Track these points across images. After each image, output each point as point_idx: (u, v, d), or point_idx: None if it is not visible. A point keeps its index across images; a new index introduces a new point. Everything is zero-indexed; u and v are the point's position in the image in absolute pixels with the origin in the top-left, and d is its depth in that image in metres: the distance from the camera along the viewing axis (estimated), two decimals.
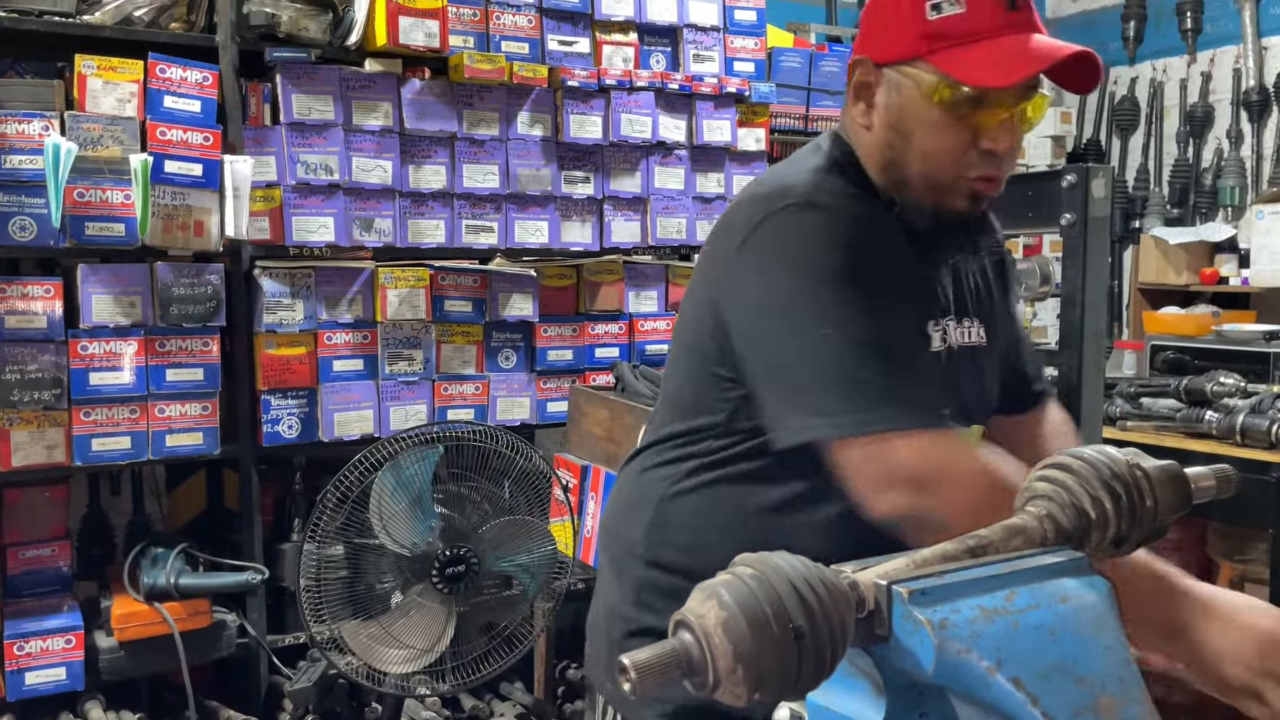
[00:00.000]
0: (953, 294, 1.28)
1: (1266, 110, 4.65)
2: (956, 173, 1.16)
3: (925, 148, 1.16)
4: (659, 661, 0.68)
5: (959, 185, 1.17)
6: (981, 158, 1.15)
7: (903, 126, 1.17)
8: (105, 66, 2.34)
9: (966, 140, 1.14)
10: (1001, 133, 1.14)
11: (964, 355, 1.27)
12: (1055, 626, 0.72)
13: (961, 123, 1.13)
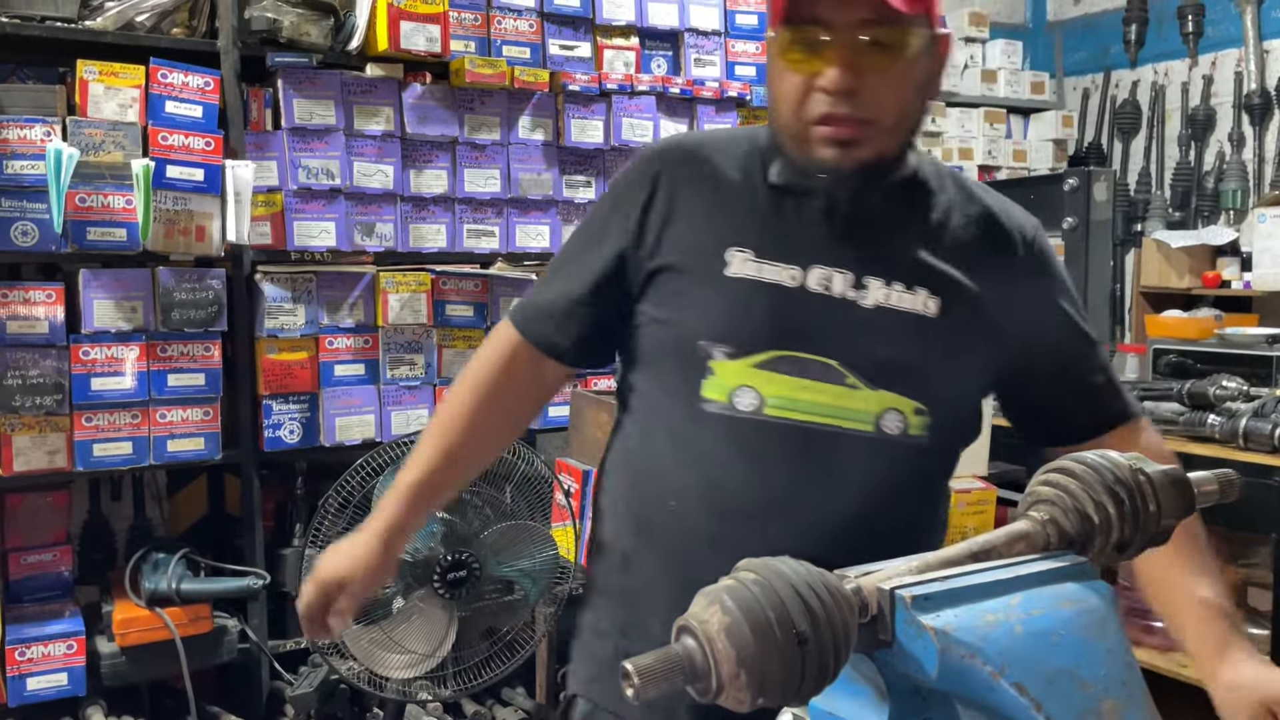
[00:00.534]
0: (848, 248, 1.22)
1: (1268, 113, 4.64)
2: (803, 116, 1.17)
3: (776, 94, 1.20)
4: (662, 666, 0.68)
5: (809, 132, 1.17)
6: (820, 97, 1.15)
7: (768, 82, 1.23)
8: (107, 72, 2.35)
9: (806, 82, 1.16)
10: (830, 68, 1.13)
11: (853, 308, 1.21)
12: (1058, 631, 0.72)
13: (800, 67, 1.15)
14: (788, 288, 1.21)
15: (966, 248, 1.26)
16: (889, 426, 1.21)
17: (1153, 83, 5.17)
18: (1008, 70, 5.05)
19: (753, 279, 1.21)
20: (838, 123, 1.15)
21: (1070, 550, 0.81)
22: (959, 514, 2.28)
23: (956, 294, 1.24)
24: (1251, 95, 4.66)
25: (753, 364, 1.20)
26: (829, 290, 1.21)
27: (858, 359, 1.20)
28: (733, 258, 1.22)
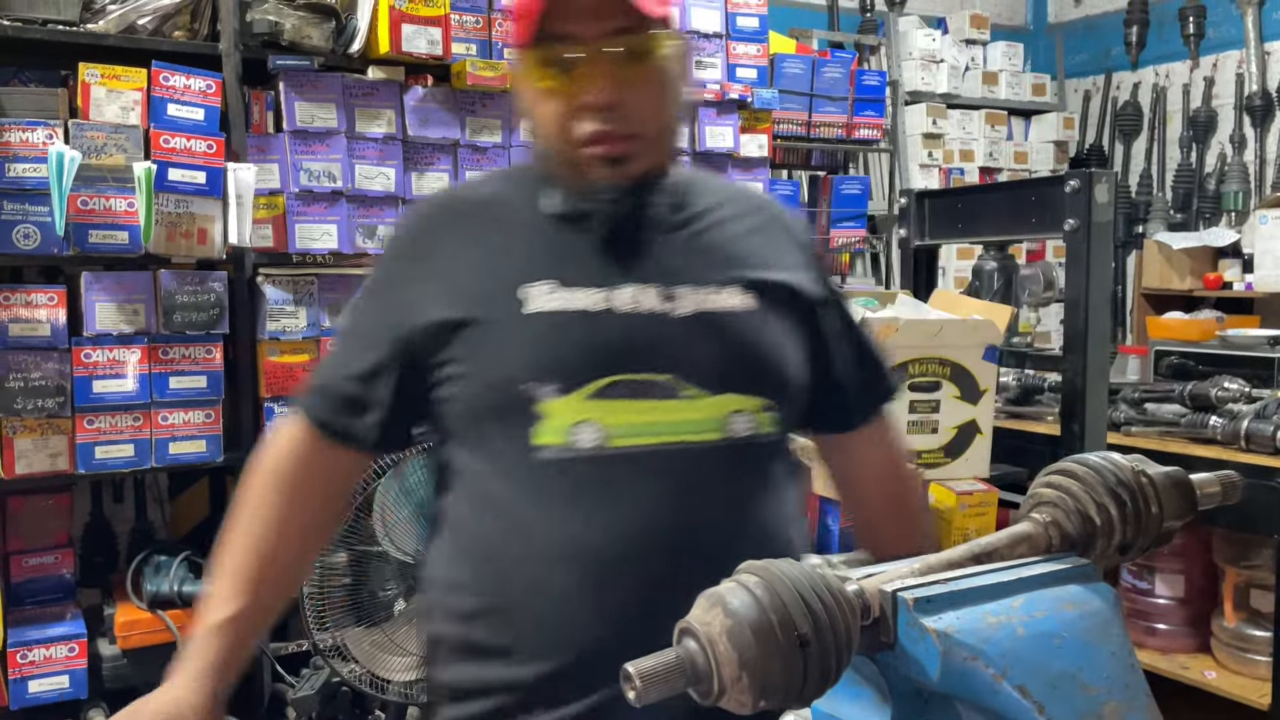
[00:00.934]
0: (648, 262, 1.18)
1: (1270, 115, 4.65)
2: (573, 143, 1.13)
3: (540, 124, 1.16)
4: (664, 669, 0.68)
5: (581, 155, 1.14)
6: (583, 117, 1.12)
7: (528, 111, 1.17)
8: (109, 75, 2.35)
9: (563, 105, 1.12)
10: (586, 83, 1.10)
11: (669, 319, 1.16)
12: (1061, 633, 0.72)
13: (558, 89, 1.11)
14: (595, 312, 1.14)
15: (750, 239, 1.26)
16: (738, 429, 1.16)
17: (1154, 84, 5.17)
18: (1009, 72, 5.06)
19: (558, 310, 1.14)
20: (607, 140, 1.13)
21: (1072, 552, 0.81)
22: (960, 516, 2.27)
23: (763, 284, 1.23)
24: (1253, 97, 4.66)
25: (587, 395, 1.12)
26: (639, 308, 1.16)
27: (690, 369, 1.15)
28: (528, 294, 1.15)
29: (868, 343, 1.36)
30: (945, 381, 2.31)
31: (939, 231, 2.80)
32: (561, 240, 1.19)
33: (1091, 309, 2.41)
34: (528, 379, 1.12)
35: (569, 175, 1.17)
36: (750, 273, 1.22)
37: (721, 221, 1.25)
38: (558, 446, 1.11)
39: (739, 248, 1.24)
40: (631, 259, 1.18)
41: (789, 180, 3.54)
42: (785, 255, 1.28)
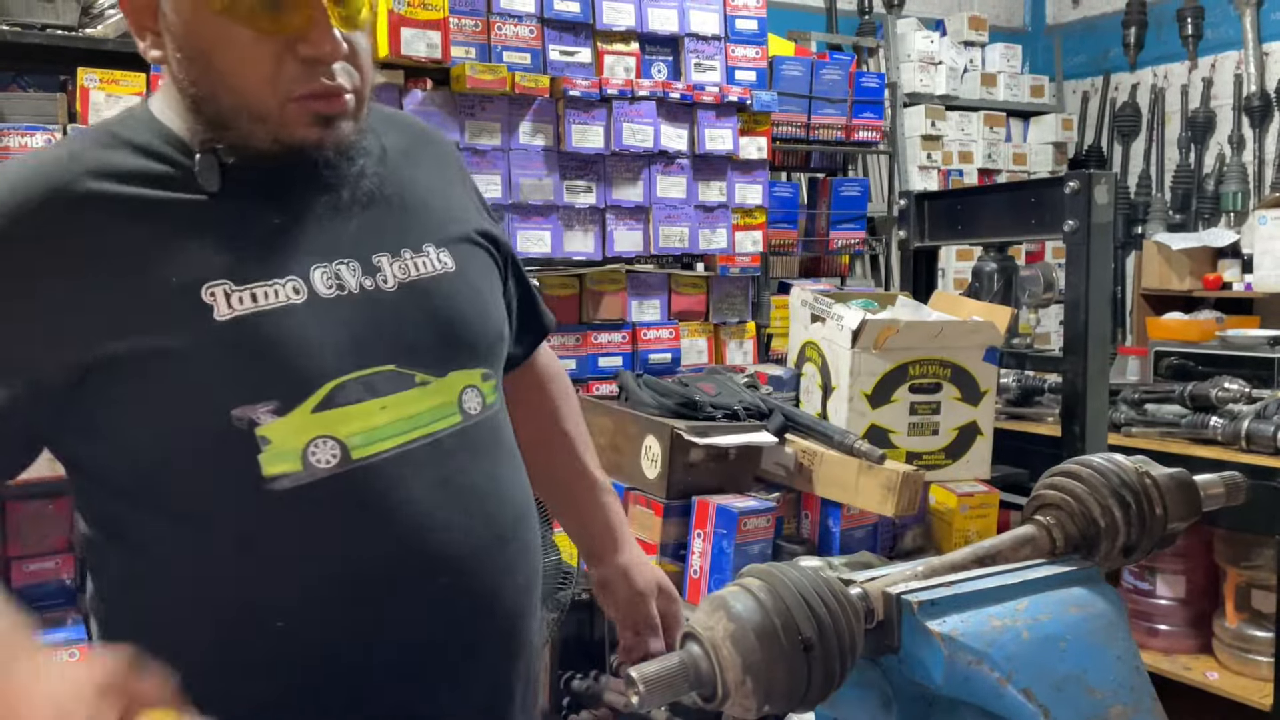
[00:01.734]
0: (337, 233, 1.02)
1: (1268, 115, 4.65)
2: (279, 93, 0.94)
3: (228, 69, 0.93)
4: (667, 674, 0.67)
5: (291, 111, 0.94)
6: (304, 70, 0.94)
7: (194, 51, 0.93)
8: (108, 79, 2.35)
9: (276, 49, 0.93)
10: (318, 34, 0.93)
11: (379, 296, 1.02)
12: (1066, 637, 0.72)
13: (261, 30, 0.92)
14: (298, 304, 0.97)
15: (430, 184, 1.14)
16: (471, 406, 1.06)
17: (1152, 85, 5.18)
18: (1007, 74, 5.06)
19: (254, 312, 0.94)
20: (329, 95, 0.96)
21: (1076, 554, 0.81)
22: (961, 517, 2.27)
23: (457, 234, 1.12)
24: (1251, 98, 4.67)
25: (312, 409, 0.95)
26: (344, 289, 1.00)
27: (412, 353, 1.02)
28: (214, 296, 0.93)
29: (523, 274, 1.30)
30: (946, 383, 2.31)
31: (938, 233, 2.80)
32: (229, 221, 0.97)
33: (1091, 310, 2.41)
34: (240, 402, 0.93)
35: (261, 132, 0.95)
36: (443, 226, 1.11)
37: (398, 169, 1.11)
38: (294, 474, 0.94)
39: (423, 197, 1.11)
40: (322, 233, 1.01)
41: (789, 182, 3.54)
42: (462, 194, 1.19)
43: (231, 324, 0.93)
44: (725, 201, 3.00)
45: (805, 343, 2.44)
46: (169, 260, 0.94)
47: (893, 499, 2.04)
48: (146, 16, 0.96)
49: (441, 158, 1.19)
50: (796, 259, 3.45)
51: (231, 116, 0.95)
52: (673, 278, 3.03)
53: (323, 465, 0.95)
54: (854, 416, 2.24)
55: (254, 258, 0.97)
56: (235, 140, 0.96)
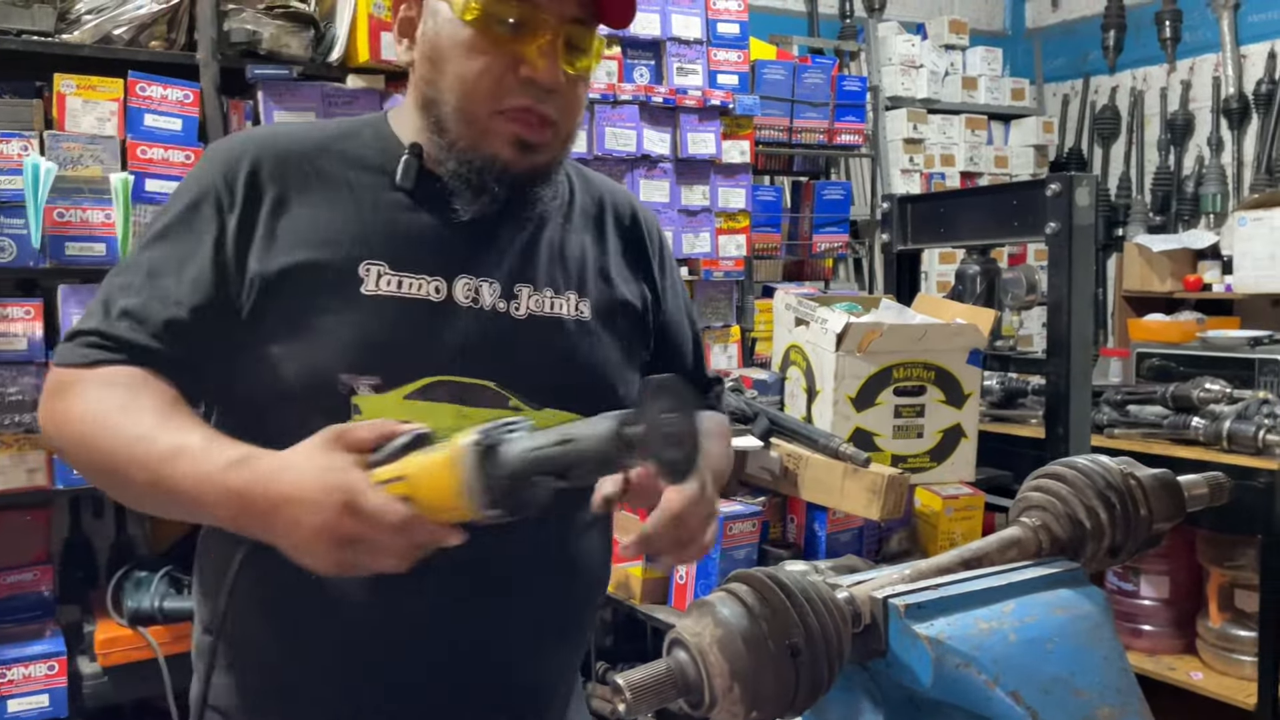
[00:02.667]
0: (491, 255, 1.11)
1: (1246, 117, 4.69)
2: (493, 103, 1.04)
3: (459, 72, 1.04)
4: (654, 681, 0.67)
5: (497, 124, 1.05)
6: (521, 87, 1.04)
7: (437, 54, 1.06)
8: (85, 85, 2.33)
9: (504, 65, 1.03)
10: (542, 59, 1.03)
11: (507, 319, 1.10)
12: (1053, 638, 0.72)
13: (498, 47, 1.03)
14: (434, 302, 1.07)
15: (602, 238, 1.21)
16: None
17: (1132, 88, 5.21)
18: (988, 77, 5.09)
19: (393, 295, 1.06)
20: (535, 120, 1.05)
21: (1062, 556, 0.81)
22: (947, 520, 2.27)
23: (605, 291, 1.18)
24: (1229, 100, 4.70)
25: (404, 395, 1.04)
26: (478, 302, 1.09)
27: (517, 377, 1.08)
28: (369, 272, 1.06)
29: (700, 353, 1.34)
30: (930, 386, 2.31)
31: (921, 236, 2.81)
32: (410, 215, 1.10)
33: (1074, 312, 2.42)
34: (349, 369, 1.03)
35: (467, 140, 1.06)
36: (593, 281, 1.17)
37: (575, 226, 1.19)
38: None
39: (587, 253, 1.18)
40: (478, 249, 1.11)
41: (772, 186, 3.54)
42: (636, 265, 1.24)
43: (370, 298, 1.05)
44: (708, 205, 3.00)
45: (790, 346, 2.44)
46: (353, 231, 1.07)
47: (878, 502, 2.04)
48: (410, 26, 1.11)
49: (625, 225, 1.24)
50: (780, 263, 3.45)
51: (449, 118, 1.06)
52: None
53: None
54: (839, 420, 2.24)
55: (414, 251, 1.08)
56: (444, 144, 1.08)
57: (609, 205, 1.24)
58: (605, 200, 1.24)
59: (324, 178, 1.10)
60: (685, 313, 1.33)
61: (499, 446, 0.85)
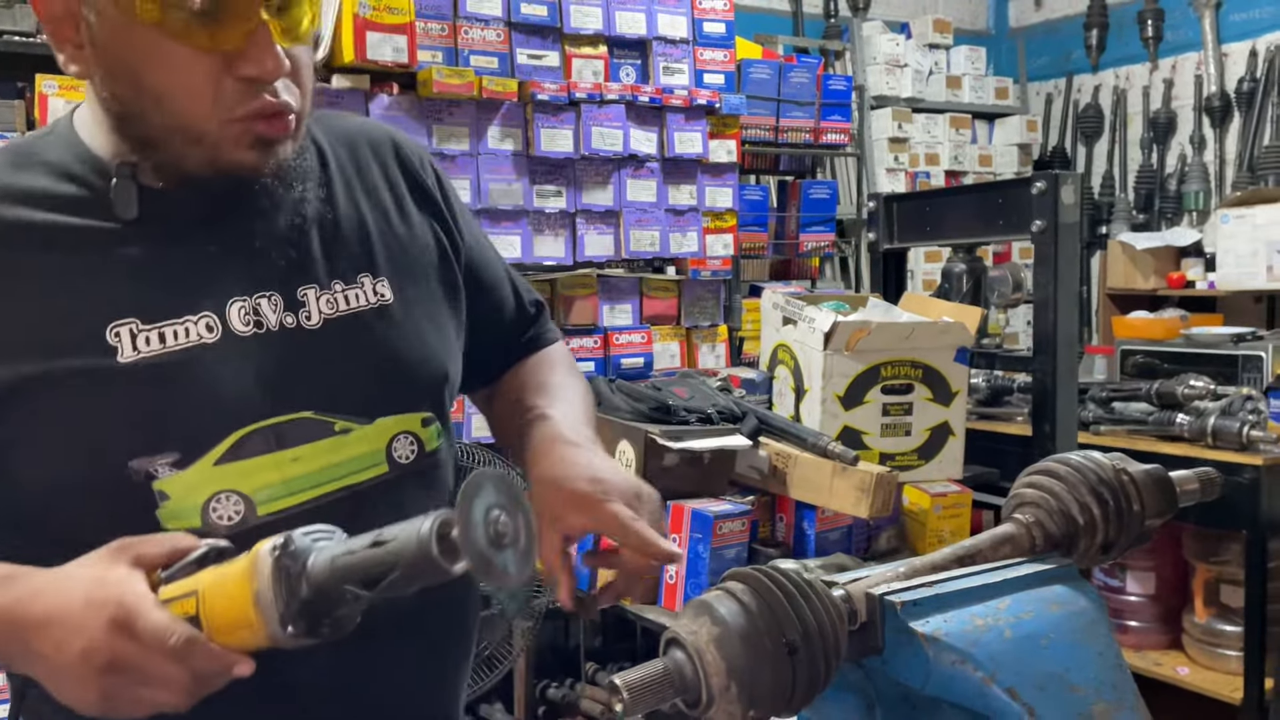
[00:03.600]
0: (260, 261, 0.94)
1: (1228, 116, 4.72)
2: (217, 117, 0.85)
3: (159, 89, 0.84)
4: (652, 681, 0.67)
5: (229, 133, 0.86)
6: (244, 88, 0.85)
7: (119, 66, 0.84)
8: (68, 86, 2.31)
9: (213, 68, 0.84)
10: (259, 50, 0.84)
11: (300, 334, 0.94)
12: (1048, 635, 0.72)
13: (198, 48, 0.83)
14: (209, 344, 0.90)
15: (372, 190, 1.04)
16: (401, 454, 0.98)
17: (1114, 87, 5.24)
18: (972, 76, 5.11)
19: (160, 354, 0.88)
20: (271, 114, 0.87)
21: (1056, 552, 0.81)
22: (935, 518, 2.28)
23: (398, 257, 1.02)
24: (1212, 98, 4.74)
25: (214, 461, 0.89)
26: (263, 326, 0.92)
27: (334, 395, 0.94)
28: (119, 337, 0.87)
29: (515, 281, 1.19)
30: (917, 384, 2.32)
31: (908, 235, 2.81)
32: (143, 250, 0.90)
33: (1060, 309, 2.43)
34: (138, 453, 0.86)
35: (194, 156, 0.87)
36: (383, 253, 1.01)
37: (339, 189, 1.01)
38: (198, 530, 0.86)
39: (363, 220, 1.01)
40: (242, 261, 0.93)
41: (758, 185, 3.55)
42: (415, 207, 1.07)
43: (135, 368, 0.87)
44: (695, 205, 3.00)
45: (777, 345, 2.44)
46: (74, 294, 0.87)
47: (867, 500, 2.04)
48: (66, 26, 0.86)
49: (392, 166, 1.08)
50: (767, 262, 3.46)
51: (163, 137, 0.87)
52: (644, 282, 3.02)
53: (224, 523, 0.89)
54: (827, 418, 2.25)
55: (167, 292, 0.89)
56: (164, 161, 0.89)
57: (365, 147, 1.06)
58: (359, 143, 1.06)
59: (16, 233, 0.87)
60: (485, 242, 1.17)
61: (301, 554, 0.74)
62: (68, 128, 0.94)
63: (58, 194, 0.90)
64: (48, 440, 0.87)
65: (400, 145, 1.10)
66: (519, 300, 1.19)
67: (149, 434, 0.87)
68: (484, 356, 1.15)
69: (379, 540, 0.73)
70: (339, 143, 1.05)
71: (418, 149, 1.12)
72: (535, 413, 1.09)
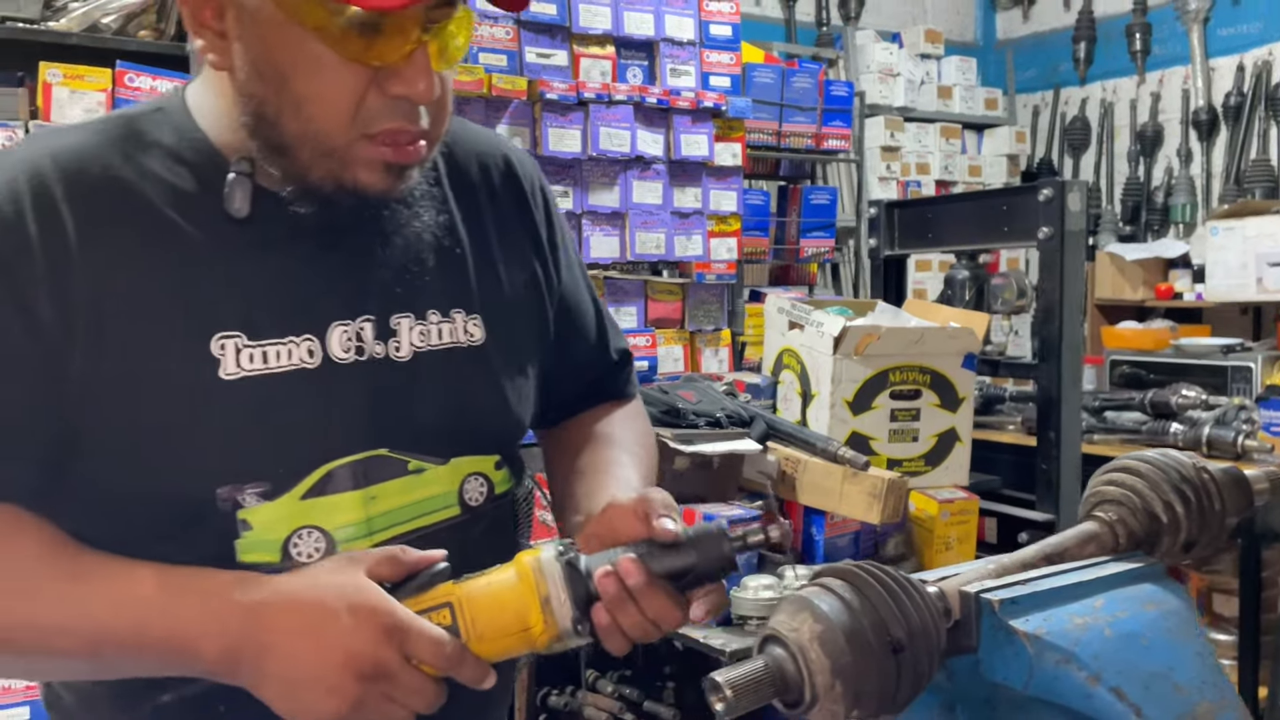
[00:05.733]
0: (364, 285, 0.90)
1: (1215, 129, 4.77)
2: (355, 131, 0.82)
3: (304, 95, 0.80)
4: (754, 679, 0.65)
5: (361, 151, 0.83)
6: (390, 107, 0.82)
7: (270, 68, 0.81)
8: (71, 75, 2.27)
9: (364, 82, 0.80)
10: (413, 70, 0.80)
11: (389, 366, 0.90)
12: (1146, 634, 0.71)
13: (353, 59, 0.79)
14: (309, 369, 0.86)
15: (479, 215, 0.99)
16: (473, 497, 0.95)
17: (1102, 100, 5.29)
18: (962, 86, 5.14)
19: (262, 374, 0.84)
20: (407, 140, 0.84)
21: (1139, 550, 0.80)
22: (942, 524, 2.27)
23: (496, 296, 0.98)
24: (1199, 112, 4.79)
25: (301, 495, 0.85)
26: (363, 353, 0.89)
27: (411, 433, 0.91)
28: (224, 350, 0.83)
29: (605, 327, 1.13)
30: (925, 389, 2.32)
31: (908, 241, 2.82)
32: (253, 256, 0.86)
33: (1065, 317, 2.43)
34: (229, 480, 0.83)
35: (320, 171, 0.83)
36: (480, 286, 0.97)
37: (449, 204, 0.97)
38: (272, 566, 0.83)
39: (467, 247, 0.97)
40: (346, 279, 0.89)
41: (760, 190, 3.55)
42: (525, 237, 1.03)
43: (236, 386, 0.83)
44: (700, 208, 2.98)
45: (783, 350, 2.43)
46: (183, 293, 0.83)
47: (878, 506, 2.04)
48: (206, 10, 0.82)
49: (501, 190, 1.02)
50: (766, 267, 3.45)
51: (294, 144, 0.83)
52: (649, 284, 3.00)
53: (303, 559, 0.85)
54: (835, 424, 2.24)
55: (273, 307, 0.85)
56: (288, 168, 0.84)
57: (476, 165, 1.01)
58: (470, 161, 1.00)
59: (137, 215, 0.83)
60: (582, 279, 1.11)
61: (578, 556, 0.81)
62: (180, 108, 0.89)
63: (171, 181, 0.85)
64: (133, 446, 0.82)
65: (513, 165, 1.04)
66: (604, 346, 1.14)
67: (243, 460, 0.84)
68: (557, 399, 1.10)
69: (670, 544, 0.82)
70: (453, 157, 1.00)
71: (529, 170, 1.06)
72: (593, 471, 1.03)
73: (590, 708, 2.51)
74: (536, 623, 0.79)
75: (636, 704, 2.50)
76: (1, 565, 0.79)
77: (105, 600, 0.77)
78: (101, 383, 0.80)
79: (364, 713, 0.75)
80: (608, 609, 0.80)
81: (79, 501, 0.83)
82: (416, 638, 0.75)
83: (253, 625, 0.76)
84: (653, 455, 1.12)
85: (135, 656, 0.79)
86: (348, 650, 0.74)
